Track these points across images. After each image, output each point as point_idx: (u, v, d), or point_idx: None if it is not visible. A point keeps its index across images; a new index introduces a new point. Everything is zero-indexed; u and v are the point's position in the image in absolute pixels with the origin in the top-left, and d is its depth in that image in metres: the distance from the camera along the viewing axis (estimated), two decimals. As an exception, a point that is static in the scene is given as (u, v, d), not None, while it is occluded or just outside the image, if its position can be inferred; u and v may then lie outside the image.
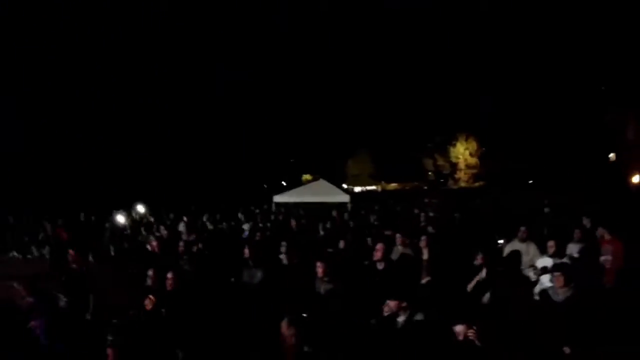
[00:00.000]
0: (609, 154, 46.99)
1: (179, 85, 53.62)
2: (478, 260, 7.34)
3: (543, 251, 7.98)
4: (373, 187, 63.41)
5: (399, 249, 8.35)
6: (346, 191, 25.95)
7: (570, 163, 44.32)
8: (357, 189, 62.00)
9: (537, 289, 7.21)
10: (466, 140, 57.93)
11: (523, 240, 8.39)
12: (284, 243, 9.23)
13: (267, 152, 62.11)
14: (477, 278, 6.91)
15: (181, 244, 9.42)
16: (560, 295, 6.02)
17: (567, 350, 5.42)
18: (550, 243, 7.75)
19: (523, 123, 50.45)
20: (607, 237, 8.13)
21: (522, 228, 8.46)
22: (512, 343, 5.13)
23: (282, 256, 8.68)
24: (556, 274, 6.19)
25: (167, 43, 51.50)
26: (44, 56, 42.41)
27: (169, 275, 6.52)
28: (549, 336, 5.56)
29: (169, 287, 6.43)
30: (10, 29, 39.77)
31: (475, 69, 54.65)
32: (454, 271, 7.31)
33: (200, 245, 10.27)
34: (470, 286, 6.88)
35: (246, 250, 8.22)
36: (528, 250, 8.18)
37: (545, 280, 7.00)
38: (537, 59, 51.11)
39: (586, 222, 9.63)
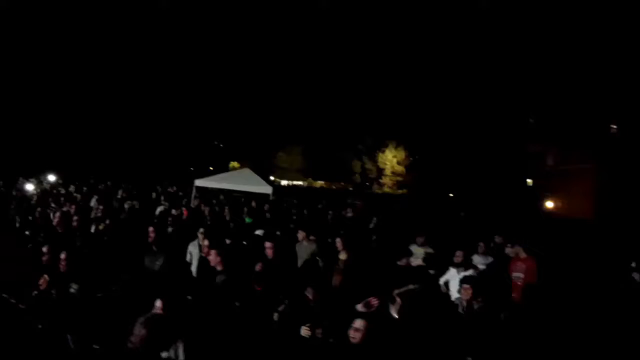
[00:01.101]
0: (527, 179, 49.64)
1: (108, 54, 51.16)
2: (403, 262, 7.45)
3: (448, 260, 8.02)
4: (300, 183, 63.43)
5: (304, 244, 8.20)
6: (271, 183, 25.62)
7: (491, 184, 46.55)
8: (284, 182, 61.83)
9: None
10: (396, 148, 59.12)
11: (422, 245, 8.47)
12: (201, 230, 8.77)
13: (197, 135, 60.66)
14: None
15: (75, 218, 8.69)
16: (467, 307, 6.03)
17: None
18: (458, 253, 7.81)
19: (452, 142, 52.54)
20: (522, 255, 8.20)
21: (422, 234, 8.56)
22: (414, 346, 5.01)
23: (194, 243, 8.17)
24: (465, 286, 6.18)
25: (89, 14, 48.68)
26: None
27: (62, 255, 6.04)
28: (453, 345, 5.49)
29: (61, 269, 5.95)
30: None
31: (417, 82, 55.87)
32: (368, 273, 7.18)
33: (107, 223, 9.54)
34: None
35: (151, 234, 7.76)
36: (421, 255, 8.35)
37: (453, 290, 7.01)
38: (473, 88, 53.18)
39: (498, 239, 9.80)
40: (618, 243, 16.53)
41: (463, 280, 6.42)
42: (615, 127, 45.36)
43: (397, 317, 5.11)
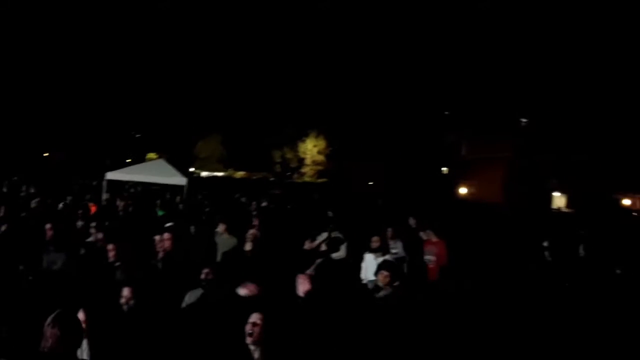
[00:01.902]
0: (443, 168, 51.95)
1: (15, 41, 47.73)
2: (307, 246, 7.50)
3: (366, 246, 8.02)
4: (220, 174, 62.41)
5: (223, 237, 7.99)
6: (190, 174, 24.84)
7: (409, 173, 48.24)
8: (204, 173, 60.57)
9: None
10: (316, 137, 59.39)
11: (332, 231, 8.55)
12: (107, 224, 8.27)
13: (112, 125, 58.05)
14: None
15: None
16: (383, 292, 5.95)
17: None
18: (375, 238, 7.84)
19: (371, 133, 53.73)
20: (433, 238, 8.43)
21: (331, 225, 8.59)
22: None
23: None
24: (383, 272, 6.10)
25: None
26: None
27: None
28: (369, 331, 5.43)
29: None
30: None
31: (337, 72, 56.25)
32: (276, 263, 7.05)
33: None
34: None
35: (49, 232, 7.19)
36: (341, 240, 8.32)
37: (369, 274, 6.99)
38: (392, 80, 54.45)
39: (412, 222, 9.96)
40: (525, 224, 17.48)
41: (381, 266, 6.37)
42: (525, 120, 48.53)
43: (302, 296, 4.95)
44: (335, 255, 7.91)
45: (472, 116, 48.91)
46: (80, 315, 3.75)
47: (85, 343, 3.73)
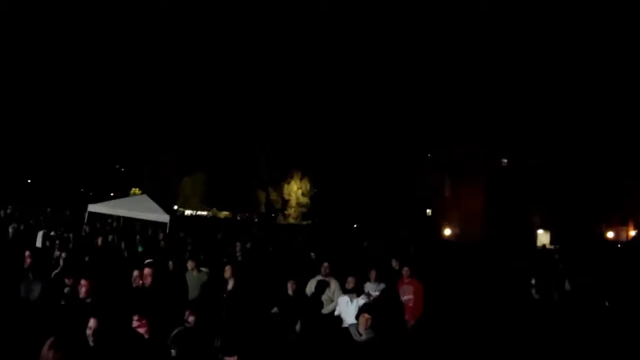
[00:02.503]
0: (427, 209, 52.27)
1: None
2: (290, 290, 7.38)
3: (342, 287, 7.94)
4: (204, 213, 61.99)
5: (193, 274, 7.94)
6: (173, 212, 24.64)
7: (393, 215, 48.48)
8: (188, 212, 60.14)
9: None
10: (301, 179, 59.56)
11: (326, 276, 8.30)
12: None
13: (96, 158, 57.85)
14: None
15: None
16: (363, 335, 5.85)
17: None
18: (350, 279, 7.74)
19: (355, 174, 54.17)
20: (406, 279, 8.43)
21: (325, 264, 8.41)
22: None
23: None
24: (365, 315, 5.99)
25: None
26: None
27: None
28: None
29: None
30: None
31: (320, 115, 57.02)
32: (254, 303, 6.96)
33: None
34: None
35: (27, 259, 7.04)
36: (330, 286, 8.09)
37: (348, 318, 6.88)
38: (374, 123, 55.57)
39: (395, 264, 9.90)
40: (511, 262, 17.55)
41: (362, 309, 6.27)
42: (505, 161, 49.47)
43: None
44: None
45: (455, 158, 49.72)
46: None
47: None
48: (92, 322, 4.47)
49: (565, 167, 41.84)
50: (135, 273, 6.71)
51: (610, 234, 39.50)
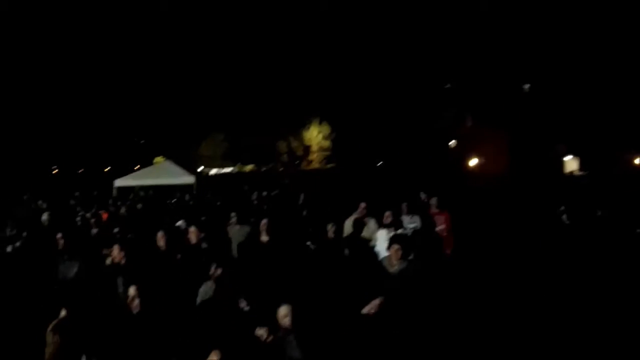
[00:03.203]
0: (450, 141, 51.53)
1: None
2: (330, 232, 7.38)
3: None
4: (229, 169, 62.40)
5: (236, 227, 7.97)
6: (197, 173, 24.86)
7: (416, 148, 47.89)
8: (213, 171, 60.61)
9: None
10: (320, 123, 59.20)
11: (363, 216, 8.30)
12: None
13: (115, 134, 58.40)
14: None
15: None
16: (395, 266, 5.90)
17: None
18: (387, 213, 7.82)
19: (373, 113, 53.25)
20: (435, 209, 8.44)
21: (362, 204, 8.40)
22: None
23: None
24: (395, 246, 6.04)
25: None
26: None
27: None
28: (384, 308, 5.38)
29: None
30: None
31: (332, 54, 55.85)
32: (289, 252, 7.01)
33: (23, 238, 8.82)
34: None
35: (60, 241, 7.24)
36: (368, 225, 8.09)
37: (382, 250, 6.92)
38: (391, 57, 53.87)
39: (423, 196, 9.86)
40: (539, 191, 17.31)
41: (392, 240, 6.29)
42: (527, 86, 47.83)
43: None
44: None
45: (474, 85, 48.33)
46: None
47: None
48: (131, 290, 4.61)
49: (593, 90, 40.27)
50: (159, 234, 6.82)
51: (638, 161, 38.45)
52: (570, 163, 42.15)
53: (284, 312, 3.98)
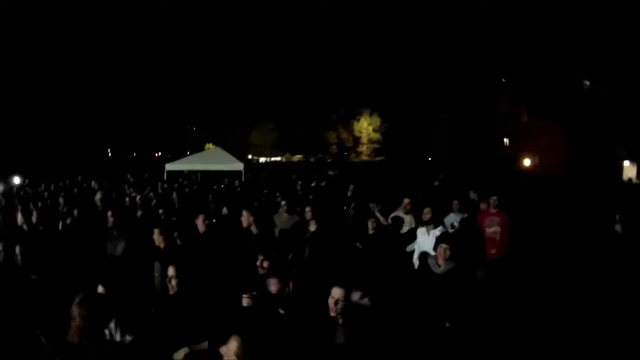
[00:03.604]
0: (504, 138, 50.05)
1: (68, 46, 49.74)
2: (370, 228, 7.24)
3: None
4: (278, 158, 62.99)
5: (284, 216, 8.03)
6: (247, 161, 25.22)
7: (468, 145, 46.83)
8: (262, 159, 61.32)
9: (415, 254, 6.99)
10: (370, 115, 58.79)
11: (407, 212, 8.13)
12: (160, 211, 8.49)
13: (169, 121, 59.93)
14: None
15: (35, 215, 8.38)
16: (442, 266, 5.66)
17: (447, 324, 5.10)
18: (426, 210, 7.39)
19: (426, 107, 52.51)
20: (492, 209, 8.03)
21: (406, 200, 8.20)
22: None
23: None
24: (443, 245, 5.71)
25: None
26: None
27: (16, 249, 5.77)
28: (427, 308, 5.23)
29: (18, 263, 5.74)
30: None
31: (387, 47, 55.26)
32: (336, 241, 6.92)
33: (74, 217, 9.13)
34: None
35: (110, 218, 7.44)
36: (411, 222, 7.94)
37: (424, 246, 6.73)
38: (446, 51, 52.80)
39: (473, 195, 9.59)
40: (594, 196, 16.59)
41: (440, 239, 6.05)
42: (588, 83, 45.70)
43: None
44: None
45: (531, 81, 46.48)
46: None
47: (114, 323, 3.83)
48: (170, 270, 4.65)
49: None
50: (200, 218, 6.88)
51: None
52: (629, 169, 40.10)
53: (337, 295, 3.91)
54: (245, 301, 4.26)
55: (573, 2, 44.28)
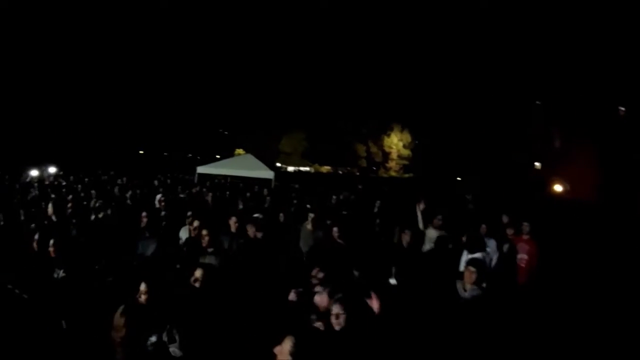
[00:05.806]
0: (535, 162, 49.33)
1: (107, 47, 50.96)
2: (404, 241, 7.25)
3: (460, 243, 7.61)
4: (307, 168, 63.18)
5: (307, 228, 8.04)
6: (277, 169, 25.40)
7: (499, 167, 46.27)
8: (291, 168, 61.57)
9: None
10: (401, 131, 58.59)
11: (438, 228, 8.10)
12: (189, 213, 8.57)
13: (202, 124, 60.71)
14: None
15: (69, 206, 8.66)
16: (468, 292, 5.59)
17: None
18: (438, 217, 7.89)
19: (459, 124, 51.88)
20: (524, 236, 7.93)
21: (439, 216, 8.17)
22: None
23: (184, 228, 7.88)
24: (470, 268, 5.69)
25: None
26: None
27: (50, 242, 5.85)
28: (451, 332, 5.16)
29: (51, 255, 5.80)
30: None
31: (421, 65, 55.09)
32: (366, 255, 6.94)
33: (107, 212, 9.30)
34: None
35: (143, 219, 7.57)
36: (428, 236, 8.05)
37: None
38: (479, 70, 52.39)
39: (505, 219, 9.44)
40: (630, 227, 16.18)
41: (468, 263, 5.99)
42: (623, 109, 44.78)
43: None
44: None
45: (566, 105, 45.69)
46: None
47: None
48: (197, 273, 4.72)
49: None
50: (233, 220, 7.01)
51: None
52: (666, 199, 39.01)
53: (336, 310, 3.94)
54: (293, 295, 4.28)
55: (610, 27, 43.44)
